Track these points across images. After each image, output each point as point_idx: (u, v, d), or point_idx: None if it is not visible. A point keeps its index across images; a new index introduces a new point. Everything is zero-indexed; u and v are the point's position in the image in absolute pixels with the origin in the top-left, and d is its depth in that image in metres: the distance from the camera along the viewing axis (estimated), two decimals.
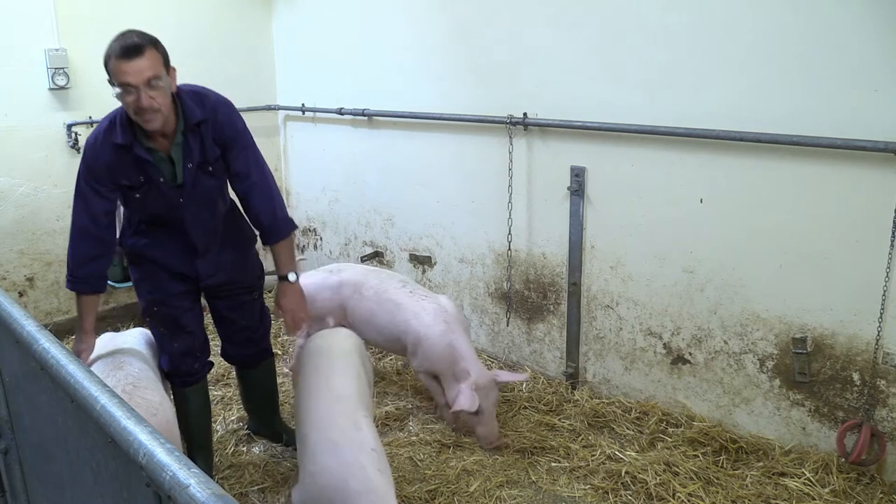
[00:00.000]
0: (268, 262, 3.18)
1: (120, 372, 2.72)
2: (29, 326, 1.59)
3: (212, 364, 3.24)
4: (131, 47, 2.43)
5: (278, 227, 2.94)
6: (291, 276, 2.95)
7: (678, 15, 3.22)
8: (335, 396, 2.68)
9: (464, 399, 3.18)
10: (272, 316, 3.38)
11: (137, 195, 2.72)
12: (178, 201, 2.75)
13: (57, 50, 4.50)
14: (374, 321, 3.65)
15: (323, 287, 3.77)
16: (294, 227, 3.01)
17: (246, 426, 3.62)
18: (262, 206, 2.90)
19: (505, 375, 3.42)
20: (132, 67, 2.42)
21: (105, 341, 3.07)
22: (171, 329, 3.00)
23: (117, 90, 2.48)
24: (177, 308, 2.97)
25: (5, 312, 1.71)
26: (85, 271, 2.80)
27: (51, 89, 4.54)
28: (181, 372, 3.07)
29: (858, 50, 2.76)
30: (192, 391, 3.13)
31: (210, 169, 2.75)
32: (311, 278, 3.80)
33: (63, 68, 4.51)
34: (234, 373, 3.50)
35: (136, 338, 3.13)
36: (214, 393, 3.90)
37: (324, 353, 2.94)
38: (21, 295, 4.65)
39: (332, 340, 3.05)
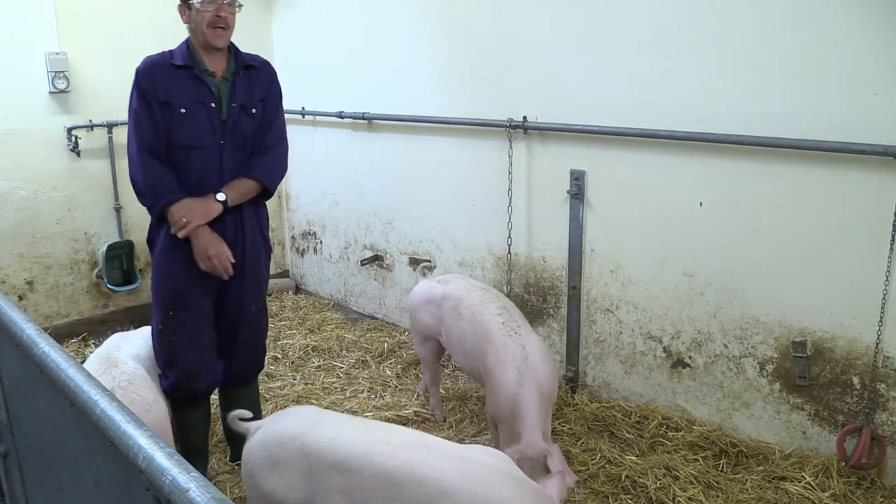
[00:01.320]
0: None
1: (115, 370, 2.74)
2: (29, 330, 1.59)
3: (214, 386, 3.16)
4: None
5: (260, 169, 2.94)
6: (220, 196, 2.83)
7: (677, 19, 3.22)
8: None
9: (554, 489, 2.38)
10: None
11: (184, 110, 2.77)
12: (219, 139, 2.83)
13: (57, 53, 4.50)
14: (464, 344, 3.27)
15: (427, 300, 3.51)
16: (270, 189, 3.01)
17: (229, 457, 3.39)
18: (264, 154, 2.98)
19: (555, 476, 2.53)
20: None
21: (115, 341, 3.13)
22: (186, 337, 2.93)
23: (199, 2, 2.72)
24: (197, 310, 2.93)
25: (5, 316, 1.71)
26: (168, 186, 2.78)
27: (51, 93, 4.55)
28: (186, 390, 2.99)
29: (857, 53, 2.77)
30: (196, 405, 3.09)
31: (253, 111, 2.90)
32: (418, 288, 3.62)
33: (63, 72, 4.51)
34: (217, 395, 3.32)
35: (144, 338, 3.15)
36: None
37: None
38: (21, 298, 4.64)
39: None
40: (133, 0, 4.72)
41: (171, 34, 2.81)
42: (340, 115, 4.97)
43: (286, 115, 5.54)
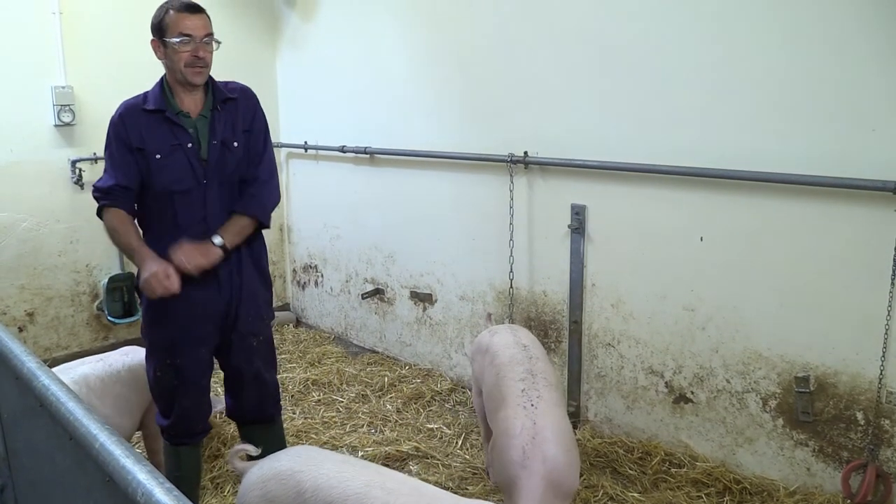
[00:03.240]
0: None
1: (99, 363, 3.05)
2: (29, 363, 1.59)
3: (211, 426, 3.10)
4: (193, 5, 2.69)
5: (254, 204, 2.84)
6: (217, 240, 2.72)
7: (677, 56, 3.26)
8: None
9: None
10: None
11: (159, 156, 2.68)
12: (201, 179, 2.73)
13: (63, 87, 4.56)
14: (489, 403, 2.98)
15: (477, 349, 3.32)
16: (265, 224, 2.90)
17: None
18: (255, 187, 2.87)
19: None
20: (195, 21, 2.65)
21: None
22: (184, 381, 2.85)
23: (174, 40, 2.62)
24: (194, 356, 2.84)
25: (6, 348, 1.71)
26: (116, 193, 2.70)
27: (56, 126, 4.59)
28: (184, 432, 2.93)
29: (856, 89, 2.80)
30: (188, 450, 3.00)
31: (235, 145, 2.80)
32: (478, 336, 3.44)
33: (69, 105, 4.56)
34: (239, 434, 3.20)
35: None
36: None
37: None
38: (21, 330, 4.63)
39: None
40: (138, 35, 4.73)
41: None
42: (343, 150, 5.01)
43: (289, 149, 5.67)
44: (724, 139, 3.17)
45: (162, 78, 2.78)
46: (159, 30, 2.67)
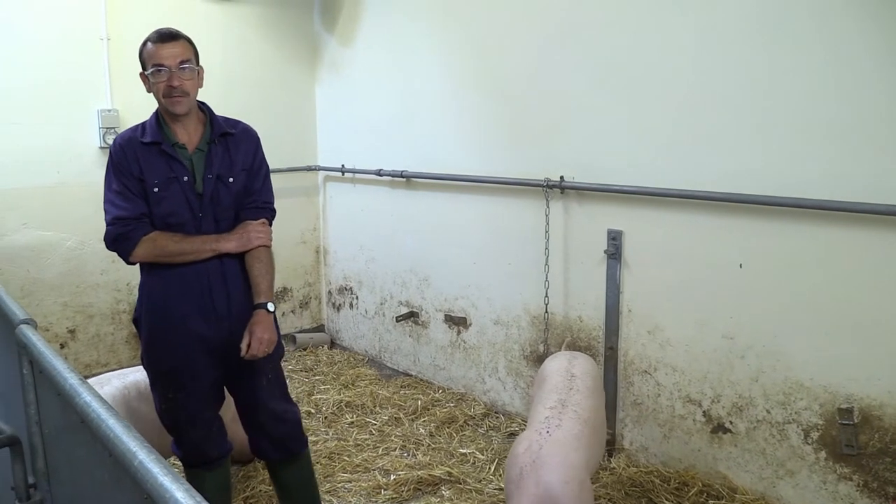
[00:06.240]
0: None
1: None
2: (71, 380, 1.61)
3: (231, 446, 3.00)
4: (167, 34, 2.63)
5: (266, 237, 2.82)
6: (270, 307, 2.72)
7: (714, 80, 3.24)
8: None
9: None
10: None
11: (157, 189, 2.64)
12: (197, 212, 2.69)
13: (109, 110, 4.69)
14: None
15: (539, 372, 3.32)
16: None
17: None
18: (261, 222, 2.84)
19: None
20: (166, 50, 2.59)
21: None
22: (189, 416, 2.79)
23: (149, 71, 2.61)
24: (196, 389, 2.77)
25: (49, 365, 1.74)
26: (143, 220, 2.65)
27: (101, 148, 4.70)
28: (199, 462, 2.87)
29: (894, 113, 2.75)
30: (212, 475, 2.91)
31: (230, 180, 2.74)
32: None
33: (114, 128, 4.68)
34: (268, 471, 3.15)
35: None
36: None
37: None
38: (62, 346, 4.73)
39: None
40: None
41: (214, 93, 2.84)
42: (379, 173, 5.06)
43: (326, 172, 5.73)
44: (762, 164, 3.13)
45: (157, 109, 2.74)
46: (142, 63, 2.66)
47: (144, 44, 2.64)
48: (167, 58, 2.58)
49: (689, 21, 3.31)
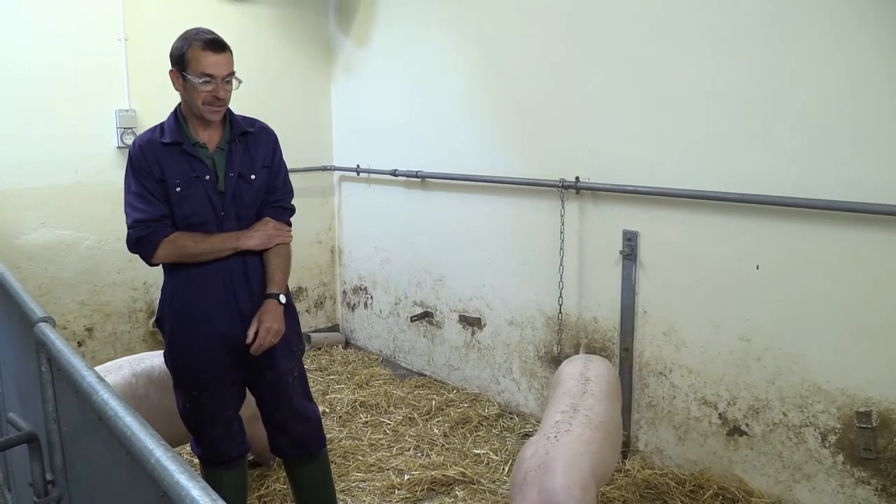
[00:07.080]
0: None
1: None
2: (89, 377, 1.62)
3: (248, 445, 3.01)
4: (217, 42, 2.60)
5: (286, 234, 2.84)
6: (282, 298, 2.73)
7: (729, 80, 3.22)
8: None
9: None
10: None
11: (179, 188, 2.64)
12: (219, 210, 2.70)
13: (127, 110, 4.72)
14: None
15: (555, 375, 3.31)
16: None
17: None
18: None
19: None
20: (218, 60, 2.58)
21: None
22: (211, 416, 2.80)
23: (196, 79, 2.57)
24: (219, 389, 2.77)
25: (67, 363, 1.75)
26: (165, 223, 2.66)
27: (119, 147, 4.74)
28: (218, 461, 2.88)
29: None
30: (230, 474, 2.90)
31: (252, 177, 2.75)
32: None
33: (132, 128, 4.71)
34: (284, 470, 3.16)
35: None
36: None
37: None
38: (80, 344, 4.77)
39: None
40: None
41: (236, 93, 2.85)
42: (394, 173, 5.06)
43: (341, 173, 5.75)
44: (778, 166, 3.10)
45: (176, 108, 2.73)
46: (180, 63, 2.61)
47: (189, 45, 2.58)
48: (217, 68, 2.58)
49: (701, 21, 3.29)
